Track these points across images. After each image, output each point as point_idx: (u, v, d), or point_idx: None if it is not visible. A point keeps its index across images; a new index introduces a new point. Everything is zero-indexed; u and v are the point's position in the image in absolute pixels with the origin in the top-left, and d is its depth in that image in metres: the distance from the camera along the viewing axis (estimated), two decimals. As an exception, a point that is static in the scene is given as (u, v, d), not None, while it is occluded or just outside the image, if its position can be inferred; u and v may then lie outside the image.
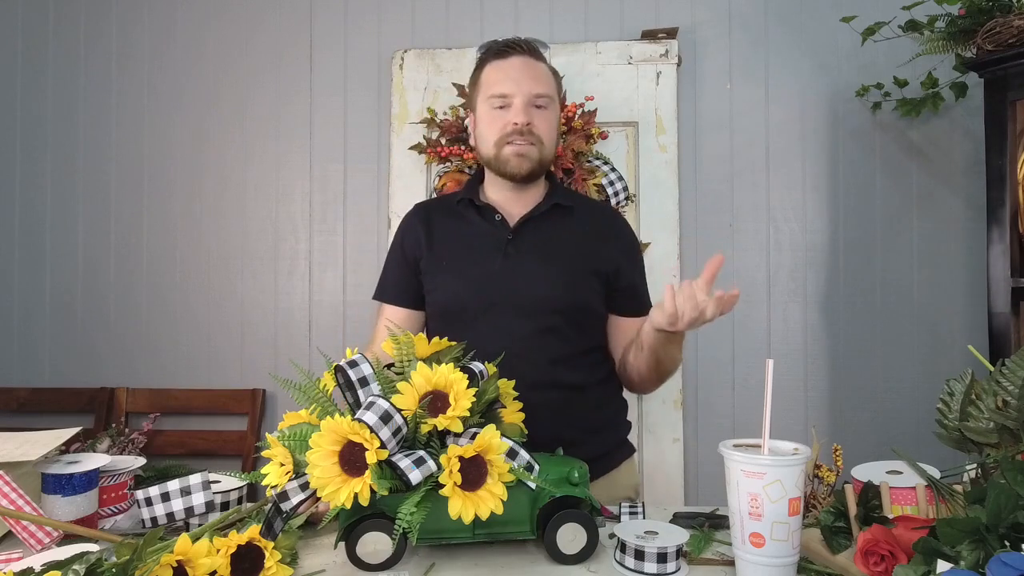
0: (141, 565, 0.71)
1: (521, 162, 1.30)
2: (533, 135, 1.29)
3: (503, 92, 1.30)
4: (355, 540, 0.87)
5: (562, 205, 1.35)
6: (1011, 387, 0.84)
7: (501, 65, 1.32)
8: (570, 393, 1.28)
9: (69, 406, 2.33)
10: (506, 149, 1.30)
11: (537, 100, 1.30)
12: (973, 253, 2.09)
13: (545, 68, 1.35)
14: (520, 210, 1.35)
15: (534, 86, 1.30)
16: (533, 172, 1.32)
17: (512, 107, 1.29)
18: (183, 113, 2.40)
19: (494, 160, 1.32)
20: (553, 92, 1.34)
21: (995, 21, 1.68)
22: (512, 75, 1.30)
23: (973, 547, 0.67)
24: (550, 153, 1.34)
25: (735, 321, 2.17)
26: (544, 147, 1.32)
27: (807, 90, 2.18)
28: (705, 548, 0.93)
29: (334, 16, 2.34)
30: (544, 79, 1.33)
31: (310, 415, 0.94)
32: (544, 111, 1.31)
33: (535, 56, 1.34)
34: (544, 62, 1.36)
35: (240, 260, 2.37)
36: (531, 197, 1.37)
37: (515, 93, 1.29)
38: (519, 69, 1.31)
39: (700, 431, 2.17)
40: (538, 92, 1.30)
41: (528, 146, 1.29)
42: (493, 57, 1.34)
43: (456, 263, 1.33)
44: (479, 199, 1.37)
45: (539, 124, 1.30)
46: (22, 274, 2.45)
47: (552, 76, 1.37)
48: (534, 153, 1.30)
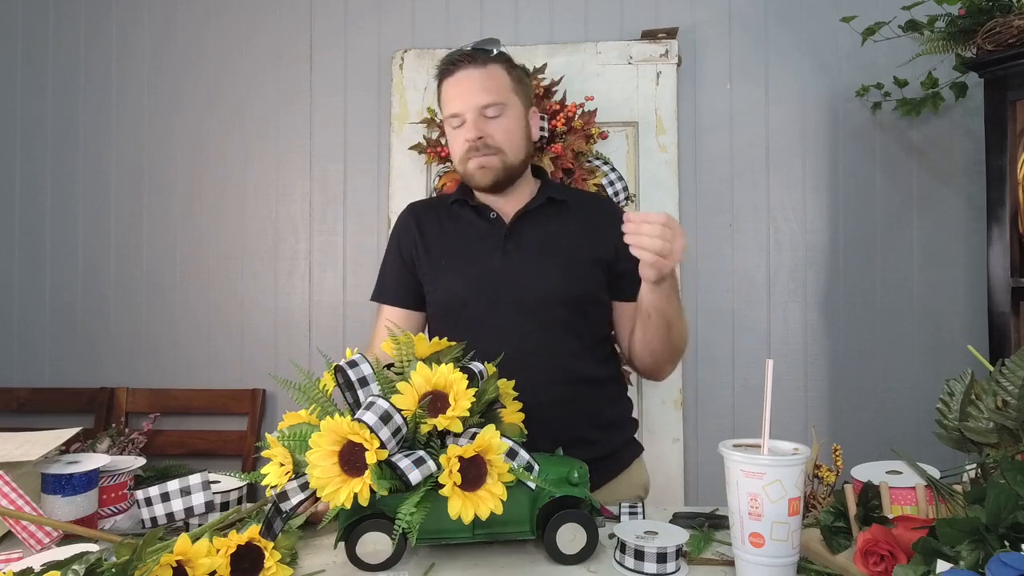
0: (141, 565, 0.71)
1: (484, 174, 1.32)
2: (490, 147, 1.30)
3: (454, 111, 1.31)
4: (355, 540, 0.87)
5: (556, 199, 1.36)
6: (1011, 387, 0.84)
7: (451, 82, 1.33)
8: (581, 387, 1.29)
9: (69, 406, 2.33)
10: (469, 164, 1.32)
11: (486, 111, 1.29)
12: (973, 253, 2.09)
13: (496, 70, 1.32)
14: (513, 208, 1.36)
15: (481, 97, 1.29)
16: (499, 181, 1.33)
17: (465, 124, 1.31)
18: (183, 113, 2.40)
19: (464, 176, 1.37)
20: (506, 94, 1.31)
21: (995, 21, 1.68)
22: (460, 91, 1.31)
23: (973, 547, 0.67)
24: (516, 157, 1.34)
25: (735, 321, 2.17)
26: (507, 154, 1.32)
27: (807, 90, 2.18)
28: (705, 548, 0.93)
29: (334, 16, 2.34)
30: (494, 85, 1.30)
31: (310, 415, 0.94)
32: (498, 119, 1.30)
33: (481, 63, 1.31)
34: (497, 62, 1.33)
35: (240, 260, 2.37)
36: (522, 196, 1.38)
37: (464, 110, 1.30)
38: (465, 84, 1.30)
39: (700, 431, 2.17)
40: (486, 103, 1.29)
41: (487, 158, 1.30)
42: (443, 76, 1.34)
43: (455, 262, 1.34)
44: (473, 199, 1.38)
45: (494, 133, 1.30)
46: (22, 274, 2.45)
47: (507, 74, 1.33)
48: (495, 163, 1.31)
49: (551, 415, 1.16)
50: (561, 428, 1.12)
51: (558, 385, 1.25)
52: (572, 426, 1.23)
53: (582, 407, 1.28)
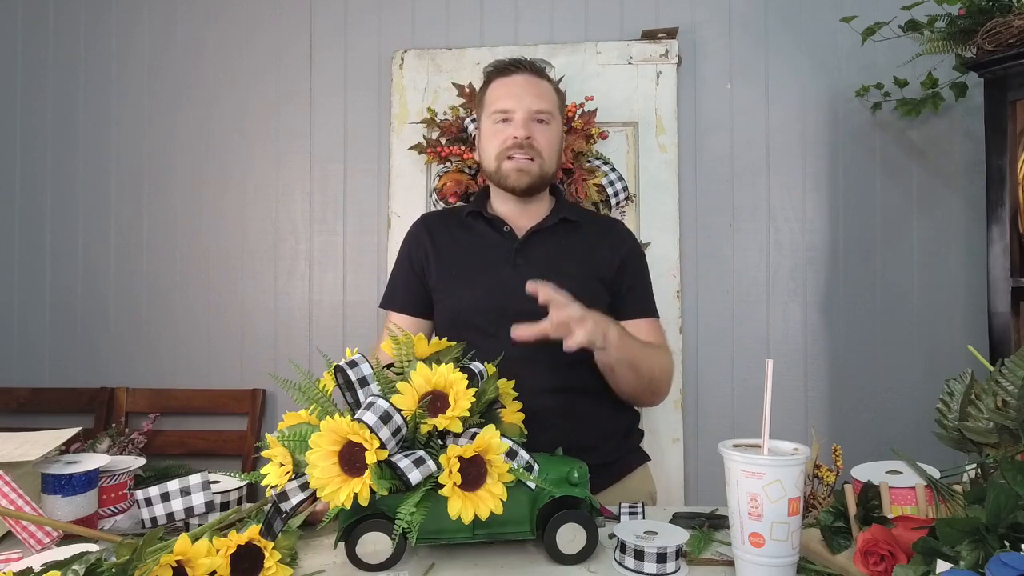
0: (141, 565, 0.71)
1: (520, 176, 1.33)
2: (533, 149, 1.33)
3: (505, 108, 1.34)
4: (355, 540, 0.87)
5: (569, 219, 1.38)
6: (1011, 387, 0.84)
7: (505, 82, 1.36)
8: (583, 398, 1.29)
9: (69, 406, 2.33)
10: (506, 164, 1.33)
11: (538, 115, 1.33)
12: (973, 253, 2.08)
13: (548, 86, 1.39)
14: (527, 222, 1.38)
15: (535, 102, 1.33)
16: (533, 186, 1.35)
17: (513, 121, 1.33)
18: (183, 113, 2.40)
19: (495, 174, 1.36)
20: (555, 109, 1.38)
21: (995, 21, 1.68)
22: (515, 91, 1.34)
23: (973, 547, 0.67)
24: (551, 168, 1.37)
25: (735, 321, 2.17)
26: (544, 161, 1.35)
27: (807, 90, 2.18)
28: (705, 548, 0.93)
29: (334, 16, 2.34)
30: (546, 96, 1.36)
31: (310, 415, 0.94)
32: (545, 126, 1.35)
33: (538, 75, 1.38)
34: (548, 81, 1.40)
35: (240, 260, 2.37)
36: (537, 211, 1.40)
37: (516, 108, 1.33)
38: (521, 86, 1.35)
39: (700, 431, 2.17)
40: (539, 108, 1.33)
41: (527, 161, 1.33)
42: (497, 75, 1.38)
43: (465, 272, 1.35)
44: (487, 211, 1.40)
45: (539, 138, 1.33)
46: (22, 274, 2.45)
47: (555, 94, 1.40)
48: (534, 168, 1.34)
49: (555, 424, 1.18)
50: (564, 437, 1.12)
51: (562, 395, 1.26)
52: (575, 435, 1.23)
53: (585, 417, 1.29)
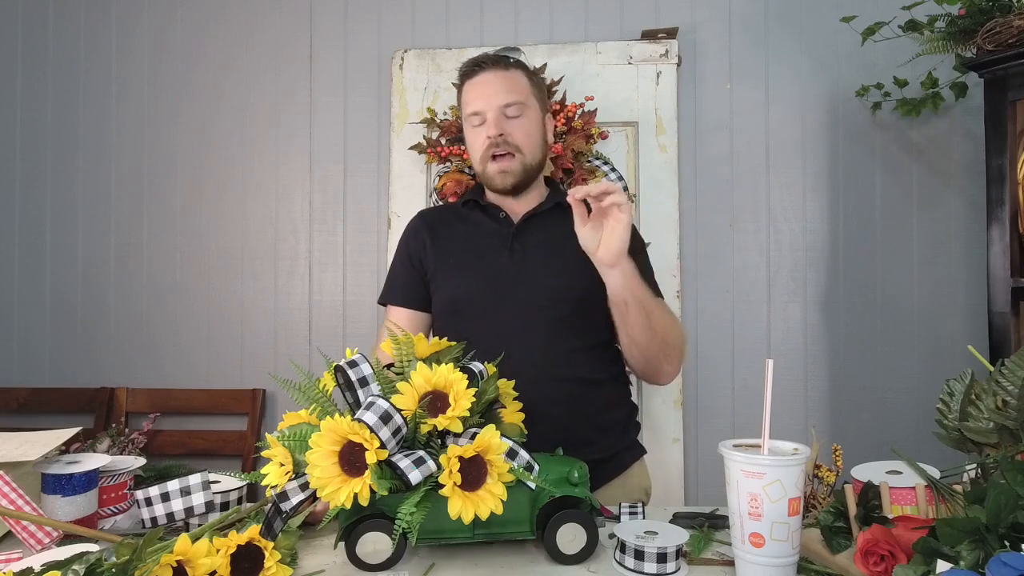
0: (141, 565, 0.71)
1: (504, 177, 1.35)
2: (510, 144, 1.33)
3: (476, 110, 1.35)
4: (355, 540, 0.87)
5: (564, 204, 1.37)
6: (1011, 387, 0.84)
7: (473, 83, 1.37)
8: (581, 387, 1.29)
9: (69, 406, 2.33)
10: (489, 167, 1.35)
11: (507, 110, 1.33)
12: (973, 253, 2.08)
13: (517, 74, 1.37)
14: (523, 209, 1.40)
15: (504, 96, 1.33)
16: (518, 184, 1.36)
17: (487, 122, 1.33)
18: (183, 113, 2.40)
19: (482, 176, 1.39)
20: (527, 97, 1.36)
21: (995, 21, 1.68)
22: (483, 92, 1.35)
23: (973, 547, 0.67)
24: (534, 158, 1.37)
25: (735, 321, 2.17)
26: (525, 155, 1.35)
27: (807, 90, 2.18)
28: (705, 548, 0.93)
29: (334, 16, 2.34)
30: (516, 87, 1.36)
31: (310, 415, 0.94)
32: (518, 119, 1.35)
33: (504, 67, 1.37)
34: (519, 68, 1.39)
35: (240, 260, 2.37)
36: (532, 199, 1.42)
37: (486, 108, 1.33)
38: (488, 84, 1.35)
39: (700, 431, 2.17)
40: (508, 101, 1.33)
41: (508, 160, 1.34)
42: (466, 77, 1.39)
43: (462, 259, 1.36)
44: (484, 200, 1.42)
45: (515, 132, 1.34)
46: (22, 274, 2.45)
47: (527, 79, 1.39)
48: (515, 165, 1.34)
49: (551, 413, 1.17)
50: (561, 427, 1.12)
51: (559, 383, 1.26)
52: (572, 425, 1.23)
53: (582, 407, 1.29)
